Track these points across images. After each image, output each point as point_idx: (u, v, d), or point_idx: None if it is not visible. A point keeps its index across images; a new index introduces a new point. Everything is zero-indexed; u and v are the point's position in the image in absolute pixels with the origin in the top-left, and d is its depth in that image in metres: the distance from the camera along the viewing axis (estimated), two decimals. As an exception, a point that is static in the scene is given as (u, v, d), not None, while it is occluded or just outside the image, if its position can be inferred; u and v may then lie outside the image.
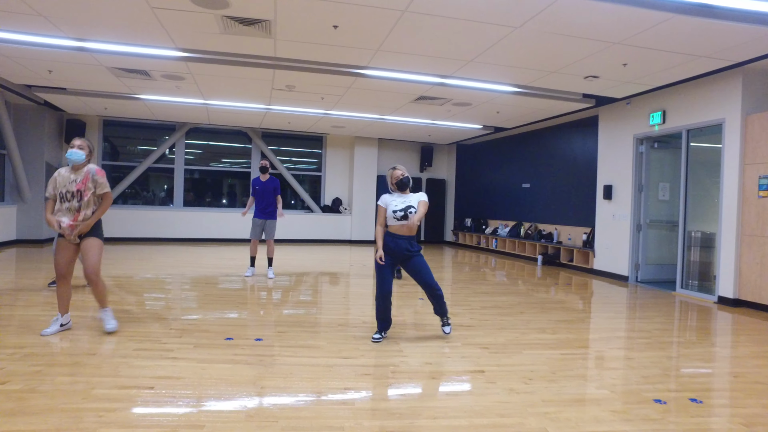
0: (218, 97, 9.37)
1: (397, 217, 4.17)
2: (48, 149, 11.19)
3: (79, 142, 4.06)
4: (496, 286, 7.45)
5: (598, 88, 7.53)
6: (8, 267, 7.74)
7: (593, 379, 3.45)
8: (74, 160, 4.00)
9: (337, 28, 5.39)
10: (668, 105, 7.50)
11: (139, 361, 3.46)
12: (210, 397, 2.90)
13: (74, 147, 4.03)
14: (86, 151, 4.07)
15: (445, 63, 6.57)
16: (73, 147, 4.02)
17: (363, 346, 4.02)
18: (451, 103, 9.01)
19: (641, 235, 8.21)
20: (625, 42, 5.42)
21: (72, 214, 3.99)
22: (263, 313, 5.14)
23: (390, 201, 4.28)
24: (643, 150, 8.15)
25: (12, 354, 3.51)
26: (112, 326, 4.15)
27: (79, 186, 3.99)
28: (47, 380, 3.03)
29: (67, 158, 4.01)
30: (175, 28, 5.64)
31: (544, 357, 3.93)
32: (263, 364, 3.51)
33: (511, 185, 12.50)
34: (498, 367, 3.64)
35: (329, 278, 7.81)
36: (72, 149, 4.02)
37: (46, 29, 5.83)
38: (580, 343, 4.46)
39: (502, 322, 5.06)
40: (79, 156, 4.01)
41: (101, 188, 4.07)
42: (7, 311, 4.80)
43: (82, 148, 4.05)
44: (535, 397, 3.06)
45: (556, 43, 5.59)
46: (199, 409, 2.74)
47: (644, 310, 6.00)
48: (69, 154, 4.00)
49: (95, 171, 4.07)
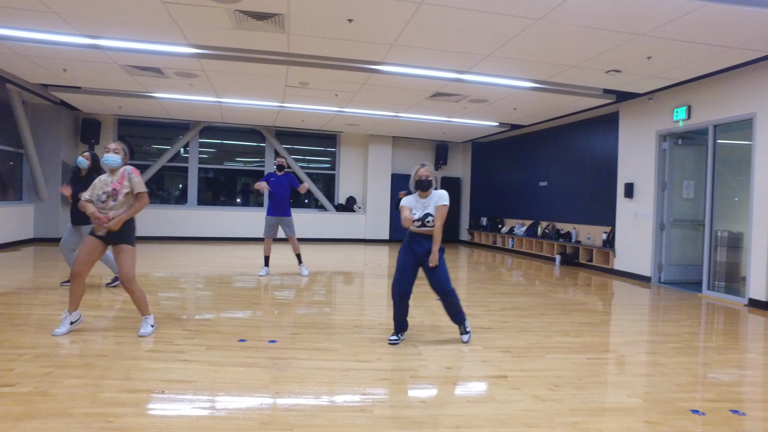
0: (231, 95, 9.30)
1: (416, 226, 4.01)
2: (64, 148, 11.25)
3: (114, 145, 4.04)
4: (515, 287, 7.27)
5: (620, 82, 7.30)
6: (26, 265, 7.75)
7: (623, 386, 3.27)
8: (110, 164, 3.98)
9: (351, 21, 5.26)
10: (694, 100, 7.24)
11: (150, 364, 3.37)
12: (222, 402, 2.79)
13: (110, 151, 4.00)
14: (121, 154, 4.05)
15: (462, 58, 6.40)
16: (108, 151, 4.00)
17: (380, 349, 3.89)
18: (467, 100, 8.83)
19: (664, 234, 7.96)
20: (651, 34, 5.21)
21: (103, 214, 3.95)
22: (277, 314, 5.03)
23: (412, 205, 4.11)
24: (667, 147, 7.89)
25: (23, 354, 3.44)
26: (144, 331, 4.04)
27: (115, 185, 3.97)
28: (57, 383, 2.95)
29: (104, 163, 3.99)
30: (188, 23, 5.56)
31: (569, 362, 3.76)
32: (277, 367, 3.39)
33: (528, 183, 12.27)
34: (521, 372, 3.48)
35: (343, 278, 7.69)
36: (107, 153, 3.99)
37: (59, 26, 5.79)
38: (605, 346, 4.27)
39: (522, 324, 4.89)
40: (115, 160, 3.99)
41: (138, 187, 4.03)
42: (22, 310, 4.76)
43: (117, 152, 4.02)
44: (563, 406, 2.89)
45: (579, 35, 5.40)
46: (210, 414, 2.63)
47: (670, 313, 5.79)
48: (105, 158, 3.98)
49: (131, 170, 4.06)
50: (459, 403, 2.91)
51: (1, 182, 10.27)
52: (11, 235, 9.98)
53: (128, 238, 4.05)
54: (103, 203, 3.95)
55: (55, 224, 11.11)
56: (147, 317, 4.14)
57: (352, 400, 2.88)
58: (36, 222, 10.96)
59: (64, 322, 4.03)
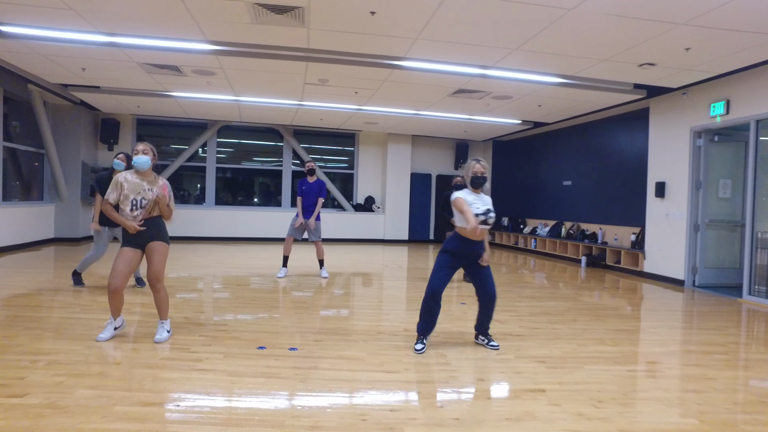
0: (250, 93, 9.17)
1: (479, 221, 3.75)
2: (84, 148, 11.25)
3: (143, 146, 3.91)
4: (541, 290, 6.99)
5: (653, 77, 6.96)
6: (45, 265, 7.70)
7: (674, 403, 3.00)
8: (141, 165, 3.86)
9: (374, 14, 5.05)
10: (733, 94, 6.87)
11: (166, 373, 3.19)
12: (241, 418, 2.60)
13: (139, 153, 3.88)
14: (151, 155, 3.93)
15: (488, 52, 6.15)
16: (138, 153, 3.87)
17: (406, 359, 3.67)
18: (490, 97, 8.56)
19: (699, 235, 7.59)
20: (693, 22, 4.89)
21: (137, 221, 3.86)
22: (297, 318, 4.84)
23: (470, 201, 3.84)
24: (702, 144, 7.52)
25: (36, 361, 3.30)
26: (160, 337, 3.91)
27: (156, 195, 3.90)
28: (68, 393, 2.79)
29: (134, 165, 3.87)
30: (205, 18, 5.41)
31: (609, 374, 3.49)
32: (299, 378, 3.20)
33: (551, 183, 11.93)
34: (560, 385, 3.23)
35: (364, 280, 7.49)
36: (138, 155, 3.86)
37: (76, 24, 5.69)
38: (646, 357, 3.99)
39: (555, 331, 4.63)
40: (146, 161, 3.87)
41: (172, 203, 4.04)
42: (39, 313, 4.64)
43: (147, 153, 3.90)
44: (611, 426, 2.64)
45: (613, 26, 5.11)
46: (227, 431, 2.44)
47: (711, 320, 5.46)
48: (136, 160, 3.85)
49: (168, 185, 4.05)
50: (497, 421, 2.68)
51: (23, 182, 10.31)
52: (32, 235, 10.00)
53: (165, 236, 3.98)
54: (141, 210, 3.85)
55: (76, 224, 11.12)
56: (164, 322, 4.00)
57: (381, 418, 2.67)
58: (57, 222, 10.98)
59: (108, 327, 3.92)
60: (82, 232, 11.31)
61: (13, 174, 9.88)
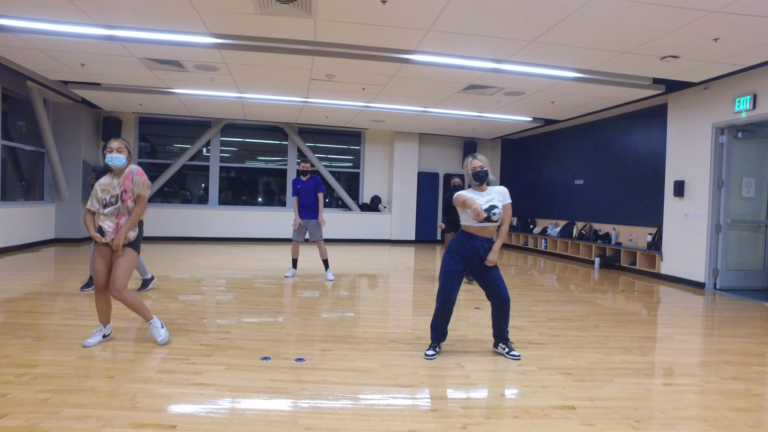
0: (254, 90, 8.92)
1: (479, 220, 3.51)
2: (85, 147, 11.04)
3: (117, 144, 3.61)
4: (557, 293, 6.70)
5: (675, 71, 6.66)
6: (43, 267, 7.47)
7: (721, 424, 2.72)
8: (116, 165, 3.59)
9: (385, 3, 4.77)
10: (760, 87, 6.55)
11: (162, 388, 2.94)
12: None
13: (113, 151, 3.58)
14: (125, 153, 3.64)
15: (503, 44, 5.87)
16: (111, 152, 3.58)
17: (422, 371, 3.40)
18: (502, 93, 8.27)
19: (721, 236, 7.28)
20: (726, 9, 4.59)
21: (115, 218, 3.58)
22: (303, 325, 4.58)
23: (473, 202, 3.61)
24: (725, 140, 7.21)
25: (21, 375, 3.05)
26: (161, 339, 3.74)
27: (124, 187, 3.58)
28: (53, 414, 2.54)
29: (107, 164, 3.60)
30: (207, 8, 5.15)
31: (642, 388, 3.21)
32: (306, 394, 2.93)
33: (562, 182, 11.63)
34: (590, 401, 2.96)
35: (372, 282, 7.21)
36: (110, 154, 3.57)
37: (74, 16, 5.45)
38: (680, 368, 3.70)
39: (577, 339, 4.35)
40: (120, 161, 3.59)
41: (138, 189, 3.63)
42: (30, 319, 4.40)
43: (121, 151, 3.61)
44: (655, 451, 2.37)
45: (638, 14, 4.82)
46: (229, 459, 2.18)
47: (740, 326, 5.15)
48: (109, 159, 3.57)
49: (135, 171, 3.65)
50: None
51: (23, 182, 10.10)
52: (32, 236, 9.79)
53: (135, 243, 3.68)
54: (113, 206, 3.56)
55: (76, 225, 10.90)
56: (151, 322, 3.79)
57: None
58: (57, 222, 10.77)
59: (96, 333, 3.73)
60: (83, 233, 11.10)
61: (13, 173, 9.67)
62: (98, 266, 3.62)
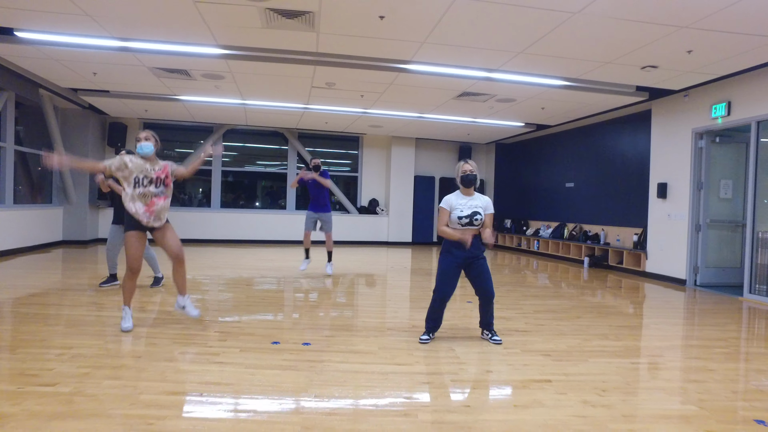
0: (256, 97, 9.32)
1: (462, 224, 3.90)
2: (92, 152, 11.40)
3: (145, 134, 4.14)
4: (545, 289, 7.10)
5: (656, 79, 7.09)
6: (55, 267, 7.84)
7: (675, 392, 3.12)
8: (146, 152, 4.07)
9: (383, 18, 5.19)
10: (734, 95, 6.99)
11: (186, 366, 3.32)
12: (262, 406, 2.72)
13: (141, 140, 4.08)
14: (153, 141, 4.15)
15: (494, 55, 6.29)
16: (140, 140, 4.08)
17: (417, 353, 3.79)
18: (494, 99, 8.70)
19: (700, 235, 7.70)
20: (695, 25, 5.02)
21: (147, 200, 4.03)
22: (309, 316, 4.96)
23: (455, 204, 3.99)
24: (703, 145, 7.64)
25: (60, 355, 3.42)
26: (197, 313, 4.31)
27: (158, 174, 4.09)
28: (94, 383, 2.92)
29: (138, 152, 4.08)
30: (217, 23, 5.55)
31: (613, 366, 3.60)
32: (314, 370, 3.31)
33: (554, 185, 12.05)
34: (565, 376, 3.35)
35: (371, 280, 7.60)
36: (141, 143, 4.07)
37: (92, 29, 5.84)
38: (649, 351, 4.10)
39: (559, 328, 4.74)
40: (149, 148, 4.08)
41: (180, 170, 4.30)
42: (54, 311, 4.78)
43: (149, 139, 4.11)
44: (615, 412, 2.76)
45: (617, 29, 5.24)
46: (251, 417, 2.56)
47: (712, 317, 5.56)
48: (140, 148, 4.06)
49: (172, 165, 4.26)
50: (505, 408, 2.80)
51: (31, 185, 10.46)
52: (41, 237, 10.13)
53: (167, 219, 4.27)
54: (145, 188, 4.03)
55: (83, 227, 11.26)
56: (187, 296, 4.34)
57: (395, 404, 2.78)
58: (65, 224, 11.12)
59: (126, 316, 4.12)
60: (90, 234, 11.46)
61: (23, 177, 10.03)
62: (136, 252, 4.05)
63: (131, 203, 4.02)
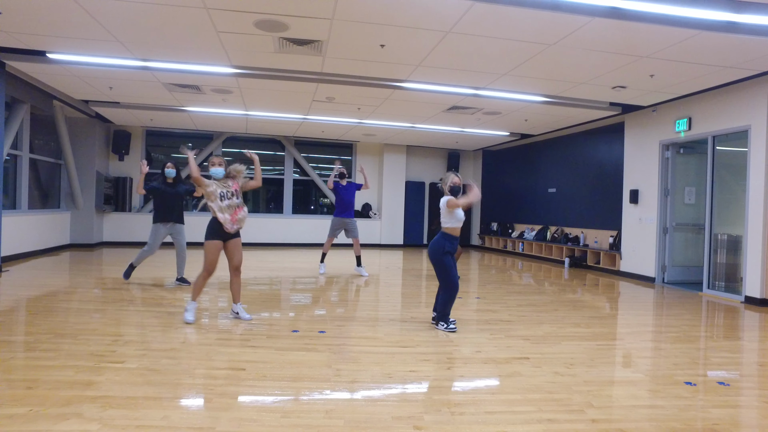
0: (260, 108, 9.94)
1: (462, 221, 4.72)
2: (98, 159, 11.92)
3: (218, 160, 4.94)
4: (528, 287, 7.83)
5: (625, 97, 7.87)
6: (74, 268, 8.38)
7: (629, 365, 3.83)
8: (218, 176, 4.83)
9: (383, 47, 5.87)
10: (694, 112, 7.81)
11: (225, 348, 3.95)
12: (297, 376, 3.37)
13: (215, 165, 4.87)
14: (224, 166, 4.91)
15: (480, 76, 7.00)
16: (214, 165, 4.87)
17: (417, 338, 4.46)
18: (481, 113, 9.43)
19: (667, 237, 8.50)
20: (653, 56, 5.79)
21: (232, 210, 4.75)
22: (318, 311, 5.62)
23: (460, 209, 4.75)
24: (669, 155, 8.45)
25: (116, 341, 4.04)
26: (249, 317, 4.93)
27: (235, 186, 4.84)
28: (156, 361, 3.54)
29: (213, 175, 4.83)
30: (234, 48, 6.19)
31: (581, 347, 4.31)
32: (333, 351, 3.97)
33: (537, 190, 12.83)
34: (541, 354, 4.05)
35: (368, 279, 8.26)
36: (214, 167, 4.86)
37: (119, 52, 6.44)
38: (613, 336, 4.83)
39: (538, 318, 5.45)
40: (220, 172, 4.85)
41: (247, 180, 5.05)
42: (94, 306, 5.36)
43: (222, 165, 4.90)
44: (578, 379, 3.46)
45: (588, 57, 5.99)
46: (292, 385, 3.21)
47: (672, 309, 6.33)
48: (213, 172, 4.84)
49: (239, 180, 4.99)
50: (492, 377, 3.48)
51: (41, 191, 10.95)
52: (50, 241, 10.62)
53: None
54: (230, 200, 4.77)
55: (90, 231, 11.76)
56: (239, 303, 4.95)
57: (404, 376, 3.45)
58: (72, 228, 11.62)
59: (191, 309, 4.76)
60: (96, 238, 11.96)
61: (33, 183, 10.52)
62: (216, 258, 4.76)
63: (222, 214, 4.69)
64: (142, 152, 13.10)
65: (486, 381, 3.42)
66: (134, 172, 12.97)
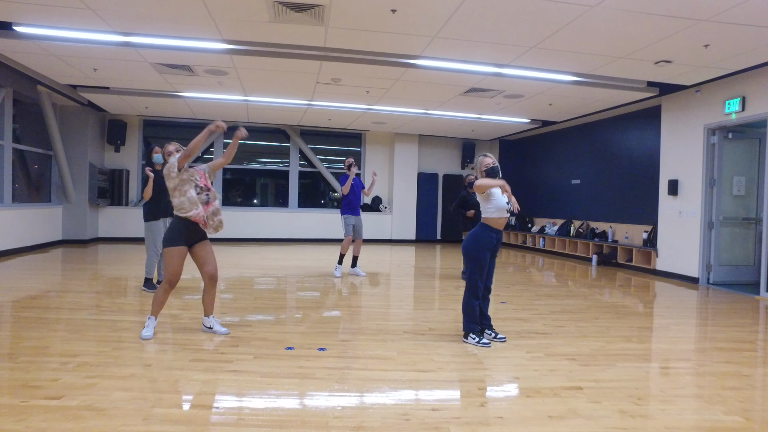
0: (260, 93, 9.14)
1: (508, 209, 3.90)
2: (91, 150, 11.21)
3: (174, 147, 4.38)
4: (558, 288, 6.96)
5: (668, 74, 6.95)
6: (55, 267, 7.66)
7: (715, 400, 2.98)
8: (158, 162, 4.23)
9: (395, 12, 5.02)
10: (748, 90, 6.85)
11: (198, 375, 3.16)
12: (282, 419, 2.57)
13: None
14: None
15: (504, 50, 6.13)
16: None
17: (437, 357, 3.64)
18: (502, 96, 8.54)
19: (713, 233, 7.57)
20: (715, 18, 4.87)
21: (203, 206, 3.91)
22: (320, 319, 4.81)
23: (497, 193, 3.93)
24: (716, 141, 7.51)
25: (66, 363, 3.26)
26: (226, 330, 4.11)
27: (205, 182, 4.00)
28: (104, 396, 2.76)
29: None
30: (223, 17, 5.38)
31: (642, 372, 3.47)
32: (334, 378, 3.16)
33: (559, 182, 11.92)
34: (596, 383, 3.21)
35: (378, 280, 7.45)
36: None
37: (94, 24, 5.66)
38: (677, 354, 3.97)
39: (579, 329, 4.60)
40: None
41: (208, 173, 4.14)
42: (60, 314, 4.62)
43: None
44: (656, 423, 2.62)
45: (635, 22, 5.09)
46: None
47: (733, 317, 5.43)
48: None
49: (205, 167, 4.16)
50: (540, 419, 2.65)
51: (30, 184, 10.26)
52: (40, 237, 9.94)
53: None
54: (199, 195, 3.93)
55: (83, 226, 11.07)
56: (212, 316, 4.13)
57: (424, 417, 2.64)
58: (64, 224, 10.93)
59: (149, 326, 3.95)
60: (90, 233, 11.27)
61: (21, 175, 9.83)
62: (180, 267, 3.88)
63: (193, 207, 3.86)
64: (140, 143, 12.39)
65: (533, 426, 2.58)
66: (131, 164, 12.27)
